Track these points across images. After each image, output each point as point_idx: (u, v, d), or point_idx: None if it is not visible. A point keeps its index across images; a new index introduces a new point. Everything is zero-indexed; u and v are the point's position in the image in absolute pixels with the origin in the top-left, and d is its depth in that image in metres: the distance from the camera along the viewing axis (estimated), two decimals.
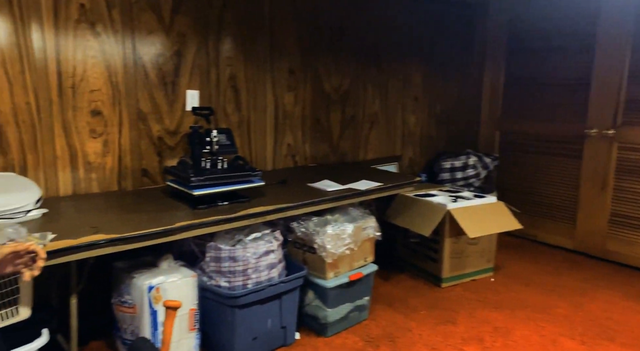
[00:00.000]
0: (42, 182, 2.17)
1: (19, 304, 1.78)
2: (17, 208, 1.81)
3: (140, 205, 2.17)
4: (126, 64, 2.37)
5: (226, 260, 2.16)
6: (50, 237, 1.66)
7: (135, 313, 2.06)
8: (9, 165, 2.07)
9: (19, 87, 2.06)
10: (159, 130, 2.54)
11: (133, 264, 2.16)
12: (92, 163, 2.32)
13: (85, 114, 2.27)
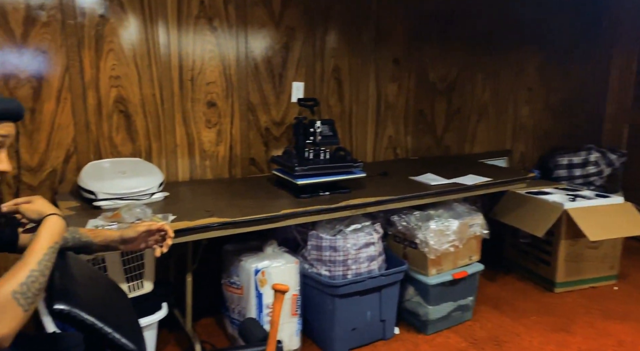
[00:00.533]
0: (164, 167, 2.36)
1: (144, 279, 1.96)
2: (143, 190, 1.99)
3: (248, 192, 2.27)
4: (239, 57, 2.49)
5: (327, 249, 2.19)
6: (171, 218, 1.80)
7: (242, 294, 2.17)
8: (137, 151, 2.28)
9: (146, 80, 2.26)
10: (266, 121, 2.64)
11: (241, 248, 2.28)
12: (207, 151, 2.48)
13: (202, 105, 2.42)
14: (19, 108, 0.98)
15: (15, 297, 0.83)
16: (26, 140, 2.01)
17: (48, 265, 0.92)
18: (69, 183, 2.13)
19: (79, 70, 2.09)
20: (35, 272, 0.88)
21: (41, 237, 0.97)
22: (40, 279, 0.88)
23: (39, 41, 1.99)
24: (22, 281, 0.85)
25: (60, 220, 1.03)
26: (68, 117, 2.09)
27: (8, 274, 0.86)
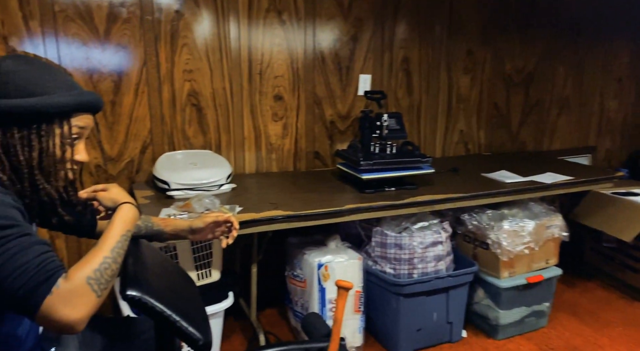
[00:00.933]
0: (232, 159, 2.41)
1: (212, 267, 2.02)
2: (212, 181, 2.04)
3: (312, 186, 2.26)
4: (306, 50, 2.48)
5: (392, 247, 2.13)
6: (238, 209, 1.83)
7: (305, 287, 2.17)
8: (207, 143, 2.34)
9: (217, 74, 2.31)
10: (331, 115, 2.62)
11: (304, 241, 2.28)
12: (273, 144, 2.50)
13: (269, 99, 2.44)
14: (97, 101, 1.02)
15: (89, 283, 0.85)
16: (107, 132, 2.13)
17: (120, 252, 0.95)
18: (145, 173, 2.23)
19: (155, 64, 2.18)
20: (108, 259, 0.90)
21: (115, 225, 1.00)
22: (112, 266, 0.91)
23: (120, 37, 2.09)
24: (95, 267, 0.87)
25: (134, 209, 1.06)
26: (145, 109, 2.19)
27: (82, 261, 0.89)
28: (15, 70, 0.93)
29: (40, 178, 0.93)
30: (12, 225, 0.82)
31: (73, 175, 1.01)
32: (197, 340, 0.93)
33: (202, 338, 0.94)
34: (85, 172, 2.11)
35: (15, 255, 0.80)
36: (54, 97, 0.93)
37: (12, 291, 0.78)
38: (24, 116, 0.91)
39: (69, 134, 0.96)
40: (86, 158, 1.03)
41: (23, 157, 0.91)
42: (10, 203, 0.86)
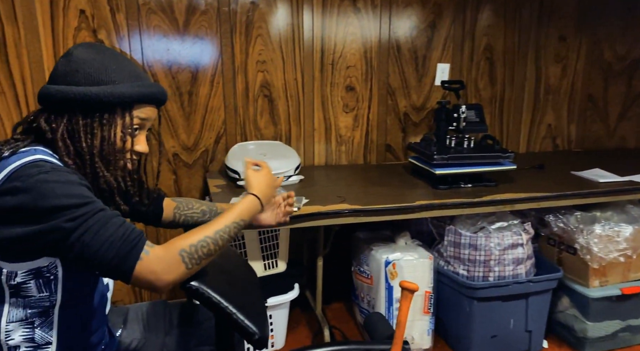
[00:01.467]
0: (302, 151, 2.40)
1: (278, 258, 2.02)
2: (280, 172, 2.04)
3: (383, 180, 2.18)
4: (381, 39, 2.40)
5: (466, 247, 2.00)
6: (304, 201, 1.80)
7: (372, 284, 2.11)
8: (277, 134, 2.35)
9: (290, 65, 2.30)
10: (405, 106, 2.51)
11: (372, 236, 2.21)
12: (343, 136, 2.45)
13: (340, 89, 2.39)
14: (160, 93, 1.02)
15: (181, 255, 0.90)
16: (184, 122, 2.20)
17: (225, 236, 0.98)
18: (218, 162, 2.28)
19: (230, 55, 2.21)
20: (209, 239, 0.94)
21: (232, 210, 1.04)
22: (211, 246, 0.94)
23: (198, 29, 2.14)
24: (192, 243, 0.92)
25: (256, 203, 1.09)
26: (219, 100, 2.23)
27: (186, 234, 0.95)
28: (85, 58, 0.95)
29: (100, 166, 0.95)
30: (86, 202, 0.85)
31: (132, 165, 1.02)
32: (252, 333, 0.91)
33: (258, 332, 0.92)
34: (164, 160, 2.19)
35: (99, 231, 0.84)
36: (118, 87, 0.94)
37: (106, 262, 0.84)
38: (88, 104, 0.93)
39: (130, 125, 0.97)
40: (146, 149, 1.04)
41: (85, 144, 0.94)
42: (78, 181, 0.88)
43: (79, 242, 0.82)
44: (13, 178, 0.84)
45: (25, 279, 0.88)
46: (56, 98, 0.93)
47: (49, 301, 0.91)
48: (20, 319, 0.90)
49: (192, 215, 1.31)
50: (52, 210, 0.82)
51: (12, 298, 0.88)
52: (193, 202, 1.34)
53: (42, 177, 0.83)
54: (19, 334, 0.90)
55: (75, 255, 0.83)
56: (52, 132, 0.93)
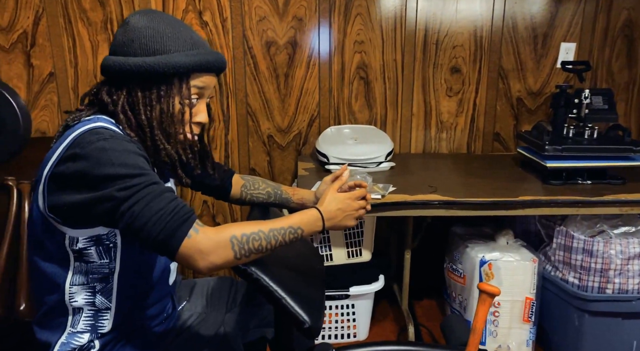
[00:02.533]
0: (397, 137, 2.27)
1: (363, 247, 1.94)
2: (370, 158, 1.95)
3: (486, 171, 1.98)
4: (494, 16, 2.16)
5: (579, 252, 1.74)
6: (391, 189, 1.70)
7: (464, 284, 1.94)
8: (372, 118, 2.25)
9: (389, 45, 2.18)
10: (519, 90, 2.25)
11: (470, 232, 2.03)
12: (445, 122, 2.27)
13: (444, 71, 2.21)
14: (216, 61, 0.99)
15: (232, 241, 0.87)
16: (279, 104, 2.21)
17: (278, 238, 0.93)
18: (310, 145, 2.26)
19: (327, 36, 2.15)
20: (262, 234, 0.90)
21: (292, 216, 0.99)
22: (263, 242, 0.90)
23: (297, 9, 2.12)
24: (245, 232, 0.89)
25: (318, 220, 1.01)
26: (315, 82, 2.20)
27: (242, 222, 0.93)
28: (141, 27, 0.94)
29: (160, 139, 0.94)
30: (140, 173, 0.85)
31: (193, 137, 1.00)
32: (302, 322, 0.86)
33: (309, 320, 0.86)
34: (259, 142, 2.23)
35: (149, 203, 0.83)
36: (173, 57, 0.92)
37: (153, 236, 0.83)
38: (144, 75, 0.92)
39: (188, 95, 0.96)
40: (206, 119, 1.02)
41: (145, 116, 0.93)
42: (136, 151, 0.88)
43: (128, 212, 0.83)
44: (74, 145, 0.86)
45: (86, 245, 0.91)
46: (114, 69, 0.93)
47: (108, 269, 0.94)
48: (82, 283, 0.94)
49: (257, 195, 1.29)
50: (106, 178, 0.83)
51: (75, 262, 0.93)
52: (260, 181, 1.32)
53: (100, 145, 0.84)
54: (81, 297, 0.95)
55: (124, 225, 0.84)
56: (114, 105, 0.94)
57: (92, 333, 0.96)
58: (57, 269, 0.93)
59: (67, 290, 0.94)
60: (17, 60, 2.04)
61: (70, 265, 0.93)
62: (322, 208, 1.02)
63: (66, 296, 0.94)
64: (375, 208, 1.60)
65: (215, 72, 1.01)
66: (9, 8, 1.98)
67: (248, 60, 2.14)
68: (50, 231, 0.90)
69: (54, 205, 0.87)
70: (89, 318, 0.96)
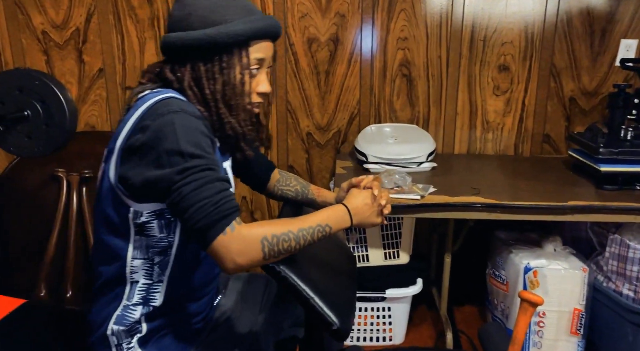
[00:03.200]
0: (440, 136, 2.20)
1: (400, 249, 1.89)
2: (411, 158, 1.89)
3: (534, 174, 1.88)
4: (547, 11, 2.05)
5: (635, 263, 1.62)
6: (431, 190, 1.64)
7: (507, 291, 1.85)
8: (414, 117, 2.19)
9: (434, 41, 2.11)
10: (572, 90, 2.12)
11: (514, 237, 1.94)
12: (491, 122, 2.18)
13: (491, 69, 2.12)
14: (272, 26, 0.97)
15: (262, 243, 0.85)
16: (319, 101, 2.19)
17: (307, 238, 0.91)
18: (349, 144, 2.22)
19: (370, 32, 2.11)
20: (292, 235, 0.88)
21: (319, 213, 0.97)
22: (292, 243, 0.88)
23: (340, 5, 2.09)
24: (275, 233, 0.87)
25: (345, 215, 0.99)
26: (355, 79, 2.16)
27: (270, 221, 0.91)
28: (194, 1, 0.94)
29: (225, 112, 0.94)
30: (201, 155, 0.85)
31: (256, 107, 1.00)
32: (330, 323, 0.83)
33: (337, 322, 0.83)
34: (298, 139, 2.22)
35: (199, 188, 0.83)
36: (231, 26, 0.92)
37: (192, 222, 0.83)
38: (205, 48, 0.92)
39: (248, 64, 0.95)
40: (268, 89, 1.01)
41: (209, 90, 0.94)
42: (203, 131, 0.88)
43: (177, 191, 0.83)
44: (146, 116, 0.87)
45: (149, 219, 0.92)
46: (176, 46, 0.93)
47: (167, 242, 0.95)
48: (143, 257, 0.95)
49: (287, 191, 1.28)
50: (169, 152, 0.83)
51: (136, 236, 0.93)
52: (293, 178, 1.31)
53: (169, 117, 0.85)
54: (141, 269, 0.96)
55: (170, 202, 0.84)
56: (179, 81, 0.95)
57: (144, 306, 0.97)
58: (120, 242, 0.94)
59: (128, 262, 0.95)
60: (69, 57, 2.12)
61: (131, 239, 0.94)
62: (349, 204, 1.00)
63: (127, 269, 0.95)
64: (414, 209, 1.55)
65: (271, 38, 1.00)
66: (63, 6, 2.06)
67: (289, 57, 2.13)
68: (117, 203, 0.91)
69: (123, 177, 0.89)
70: (143, 291, 0.97)
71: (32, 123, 1.29)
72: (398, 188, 1.65)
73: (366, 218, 1.02)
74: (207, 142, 0.88)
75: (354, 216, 0.99)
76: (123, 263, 0.95)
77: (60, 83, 1.34)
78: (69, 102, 1.31)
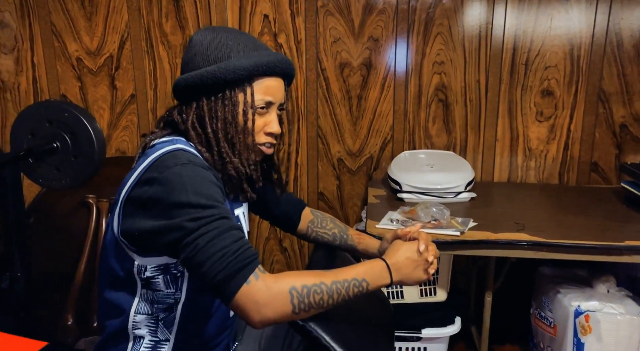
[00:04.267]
0: (478, 164, 2.09)
1: (437, 285, 1.78)
2: (448, 188, 1.79)
3: (582, 207, 1.75)
4: (595, 34, 1.93)
5: None
6: (471, 224, 1.53)
7: (554, 335, 1.70)
8: (450, 144, 2.09)
9: (472, 65, 2.02)
10: (623, 116, 1.99)
11: (561, 275, 1.79)
12: (533, 150, 2.06)
13: (534, 94, 2.01)
14: (278, 61, 0.92)
15: (291, 293, 0.79)
16: (351, 126, 2.12)
17: (341, 291, 0.83)
18: (382, 171, 2.14)
19: (404, 56, 2.04)
20: (324, 287, 0.81)
21: (356, 266, 0.89)
22: (325, 296, 0.81)
23: (373, 29, 2.03)
24: (306, 284, 0.80)
25: (385, 272, 0.90)
26: (389, 104, 2.09)
27: (301, 271, 0.85)
28: (201, 40, 0.92)
29: (227, 150, 0.90)
30: (212, 205, 0.81)
31: (267, 148, 0.95)
32: None
33: None
34: (329, 165, 2.15)
35: (214, 239, 0.78)
36: (232, 62, 0.88)
37: (212, 275, 0.78)
38: (207, 85, 0.89)
39: (252, 101, 0.90)
40: (277, 129, 0.95)
41: (210, 128, 0.90)
42: (213, 181, 0.84)
43: (192, 244, 0.78)
44: (153, 168, 0.84)
45: (154, 274, 0.88)
46: (180, 87, 0.92)
47: (173, 299, 0.90)
48: (147, 312, 0.90)
49: (322, 234, 1.19)
50: (178, 205, 0.79)
51: (142, 289, 0.89)
52: (329, 220, 1.23)
53: (177, 170, 0.81)
54: (144, 325, 0.91)
55: (186, 256, 0.79)
56: (183, 122, 0.92)
57: None
58: (123, 295, 0.90)
59: (131, 317, 0.90)
60: (102, 83, 2.13)
61: (137, 292, 0.90)
62: (389, 258, 0.91)
63: (129, 324, 0.91)
64: (452, 245, 1.45)
65: (279, 75, 0.94)
66: (98, 33, 2.08)
67: (321, 82, 2.08)
68: (121, 257, 0.88)
69: (127, 230, 0.85)
70: (149, 348, 0.92)
71: (61, 156, 1.27)
72: (435, 222, 1.55)
73: (408, 274, 0.93)
74: (217, 191, 0.83)
75: (395, 272, 0.90)
76: (126, 317, 0.90)
77: (89, 114, 1.32)
78: (98, 133, 1.28)
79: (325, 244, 1.19)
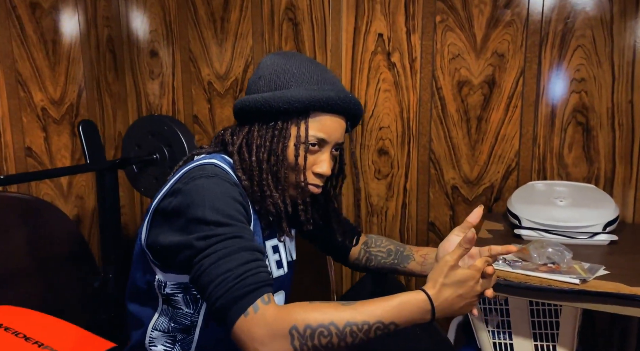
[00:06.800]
0: (629, 201, 1.70)
1: (558, 343, 1.46)
2: (579, 226, 1.48)
3: None
4: None
5: None
6: (600, 273, 1.23)
7: None
8: (592, 175, 1.74)
9: (623, 82, 1.68)
10: None
11: None
12: None
13: None
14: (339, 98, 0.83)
15: (291, 333, 0.69)
16: (468, 151, 1.91)
17: (356, 335, 0.69)
18: (504, 202, 1.87)
19: (535, 73, 1.79)
20: (333, 329, 0.69)
21: (387, 302, 0.73)
22: (333, 340, 0.69)
23: (498, 44, 1.83)
24: (310, 323, 0.69)
25: (426, 310, 0.73)
26: (515, 127, 1.84)
27: (316, 305, 0.72)
28: (269, 64, 0.89)
29: (269, 183, 0.84)
30: (226, 223, 0.76)
31: (315, 188, 0.87)
32: None
33: None
34: (441, 193, 1.96)
35: (219, 260, 0.73)
36: (290, 91, 0.82)
37: (212, 301, 0.72)
38: (261, 111, 0.85)
39: (305, 136, 0.82)
40: (326, 171, 0.86)
41: (256, 156, 0.85)
42: (235, 197, 0.80)
43: (198, 264, 0.74)
44: (181, 179, 0.83)
45: (174, 291, 0.86)
46: (237, 108, 0.90)
47: (190, 321, 0.87)
48: (164, 329, 0.88)
49: (376, 253, 1.06)
50: (194, 220, 0.77)
51: (163, 304, 0.88)
52: (384, 239, 1.10)
53: (200, 182, 0.79)
54: (161, 343, 0.88)
55: (192, 278, 0.75)
56: (232, 144, 0.90)
57: None
58: (144, 308, 0.90)
59: (148, 332, 0.90)
60: (228, 105, 2.29)
61: (158, 307, 0.89)
62: (434, 292, 0.73)
63: (147, 338, 0.90)
64: (570, 295, 1.17)
65: (340, 113, 0.86)
66: (226, 59, 2.25)
67: (435, 102, 1.93)
68: (145, 269, 0.88)
69: (152, 242, 0.85)
70: None
71: (159, 167, 1.36)
72: (552, 265, 1.28)
73: (454, 311, 0.75)
74: (239, 208, 0.78)
75: (439, 311, 0.73)
76: (144, 331, 0.89)
77: (187, 129, 1.40)
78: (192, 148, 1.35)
79: (378, 266, 1.05)
